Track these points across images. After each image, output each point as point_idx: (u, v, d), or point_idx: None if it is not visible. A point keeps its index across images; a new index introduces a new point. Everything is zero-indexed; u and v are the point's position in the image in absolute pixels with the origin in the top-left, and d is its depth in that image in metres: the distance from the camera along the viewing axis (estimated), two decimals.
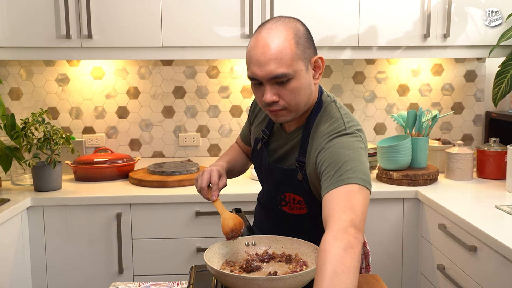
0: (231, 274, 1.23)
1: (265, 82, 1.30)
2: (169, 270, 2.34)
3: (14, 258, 2.16)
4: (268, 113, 1.37)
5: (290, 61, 1.28)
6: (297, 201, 1.45)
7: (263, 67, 1.28)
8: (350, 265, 1.01)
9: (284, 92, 1.31)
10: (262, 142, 1.54)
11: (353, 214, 1.12)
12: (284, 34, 1.29)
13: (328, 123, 1.37)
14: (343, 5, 2.46)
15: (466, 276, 1.90)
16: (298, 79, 1.31)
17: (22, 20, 2.39)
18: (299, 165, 1.41)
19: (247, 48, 1.34)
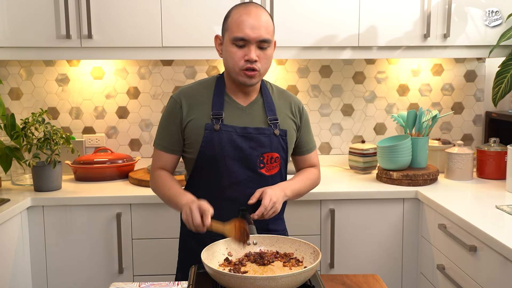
0: (226, 272, 1.24)
1: (253, 43, 1.58)
2: (169, 270, 2.34)
3: (14, 258, 2.16)
4: (242, 74, 1.61)
5: (272, 32, 1.63)
6: (274, 158, 1.70)
7: (256, 30, 1.58)
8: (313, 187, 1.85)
9: (262, 56, 1.61)
10: (219, 122, 1.65)
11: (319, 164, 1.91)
12: (268, 14, 1.64)
13: (282, 90, 1.80)
14: (343, 5, 2.46)
15: (466, 276, 1.90)
16: (271, 49, 1.65)
17: (22, 20, 2.39)
18: (272, 123, 1.69)
19: (233, 16, 1.61)
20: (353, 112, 2.89)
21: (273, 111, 1.70)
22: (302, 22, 2.46)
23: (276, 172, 1.71)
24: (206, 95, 1.69)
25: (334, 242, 2.35)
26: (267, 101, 1.71)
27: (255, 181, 1.67)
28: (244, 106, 1.70)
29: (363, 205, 2.34)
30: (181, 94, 1.70)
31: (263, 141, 1.66)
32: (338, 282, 1.50)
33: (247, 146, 1.65)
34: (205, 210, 1.48)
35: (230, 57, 1.61)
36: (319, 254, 1.35)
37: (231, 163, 1.65)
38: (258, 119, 1.69)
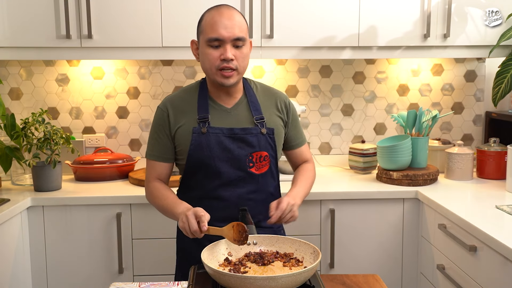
0: (226, 272, 1.24)
1: (227, 42, 1.60)
2: (169, 270, 2.34)
3: (14, 258, 2.16)
4: (219, 75, 1.63)
5: (246, 31, 1.65)
6: (263, 157, 1.71)
7: (230, 29, 1.60)
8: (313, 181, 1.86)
9: (238, 54, 1.63)
10: (206, 125, 1.67)
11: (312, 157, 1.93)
12: (240, 14, 1.66)
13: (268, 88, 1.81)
14: (343, 5, 2.46)
15: (466, 276, 1.90)
16: (247, 47, 1.66)
17: (22, 20, 2.39)
18: (258, 123, 1.70)
19: (206, 18, 1.64)
20: (353, 112, 2.90)
21: (258, 110, 1.72)
22: (302, 22, 2.46)
23: (267, 170, 1.73)
24: (191, 101, 1.71)
25: (334, 242, 2.35)
26: (252, 101, 1.73)
27: (245, 180, 1.70)
28: (228, 108, 1.71)
29: (363, 205, 2.34)
30: (167, 103, 1.73)
31: (251, 140, 1.68)
32: (338, 282, 1.50)
33: (235, 146, 1.67)
34: (201, 216, 1.47)
35: (206, 59, 1.63)
36: (319, 254, 1.35)
37: (220, 164, 1.67)
38: (244, 119, 1.70)
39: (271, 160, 1.73)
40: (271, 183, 1.76)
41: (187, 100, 1.72)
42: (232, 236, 1.45)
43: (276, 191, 1.80)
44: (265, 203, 1.68)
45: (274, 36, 2.45)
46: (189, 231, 1.48)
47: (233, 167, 1.68)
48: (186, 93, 1.74)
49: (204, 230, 1.46)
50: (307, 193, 1.76)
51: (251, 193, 1.70)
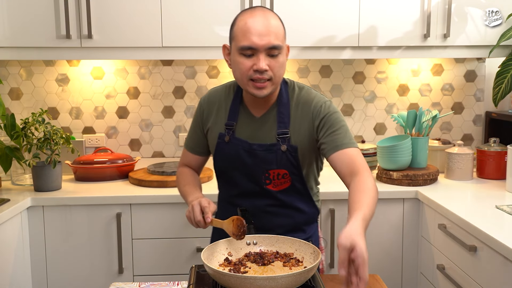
0: (226, 272, 1.24)
1: (261, 51, 1.47)
2: (169, 270, 2.34)
3: (14, 258, 2.16)
4: (251, 85, 1.51)
5: (282, 38, 1.52)
6: (282, 175, 1.59)
7: (264, 37, 1.46)
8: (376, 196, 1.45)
9: (273, 64, 1.49)
10: (230, 133, 1.61)
11: (367, 167, 1.51)
12: (277, 17, 1.53)
13: (312, 98, 1.60)
14: (343, 5, 2.46)
15: (466, 276, 1.90)
16: (284, 55, 1.53)
17: (22, 20, 2.39)
18: (281, 138, 1.57)
19: (239, 23, 1.51)
20: (353, 112, 2.89)
21: (284, 123, 1.58)
22: (302, 22, 2.46)
23: (287, 187, 1.62)
24: (226, 101, 1.66)
25: (334, 242, 2.35)
26: (281, 111, 1.58)
27: (263, 195, 1.63)
28: (257, 117, 1.61)
29: None
30: (206, 99, 1.71)
31: (269, 158, 1.58)
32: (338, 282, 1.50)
33: (252, 162, 1.60)
34: (205, 207, 1.50)
35: (238, 68, 1.51)
36: (319, 254, 1.34)
37: (238, 176, 1.64)
38: (268, 131, 1.59)
39: (293, 177, 1.61)
40: (296, 199, 1.65)
41: (223, 99, 1.67)
42: (231, 230, 1.48)
43: (307, 206, 1.67)
44: (288, 217, 1.64)
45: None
46: (193, 221, 1.51)
47: (250, 181, 1.63)
48: (225, 91, 1.68)
49: (208, 221, 1.48)
50: (373, 210, 1.38)
51: (270, 207, 1.64)
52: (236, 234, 1.47)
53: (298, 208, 1.65)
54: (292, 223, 1.65)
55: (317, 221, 1.76)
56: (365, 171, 1.47)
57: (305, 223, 1.70)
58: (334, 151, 1.53)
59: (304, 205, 1.66)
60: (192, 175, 1.77)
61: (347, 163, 1.50)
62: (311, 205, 1.68)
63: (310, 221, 1.71)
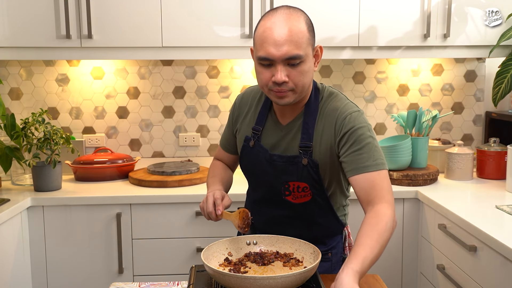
0: (226, 272, 1.24)
1: (278, 62, 1.36)
2: (169, 270, 2.34)
3: (14, 258, 2.16)
4: (272, 94, 1.42)
5: (305, 45, 1.37)
6: (302, 188, 1.50)
7: (280, 47, 1.35)
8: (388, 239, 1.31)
9: (293, 74, 1.38)
10: (255, 138, 1.56)
11: (391, 196, 1.39)
12: (301, 19, 1.39)
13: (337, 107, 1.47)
14: (343, 5, 2.46)
15: (466, 276, 1.90)
16: (307, 62, 1.39)
17: (22, 20, 2.39)
18: (303, 150, 1.47)
19: (258, 30, 1.40)
20: None
21: (308, 136, 1.47)
22: None
23: (308, 200, 1.52)
24: (257, 104, 1.60)
25: None
26: (306, 122, 1.48)
27: (283, 205, 1.56)
28: (283, 125, 1.53)
29: None
30: (240, 97, 1.67)
31: (289, 170, 1.49)
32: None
33: (272, 172, 1.53)
34: (217, 199, 1.51)
35: (258, 78, 1.44)
36: (319, 254, 1.34)
37: (258, 183, 1.62)
38: (291, 142, 1.51)
39: (314, 191, 1.51)
40: (317, 213, 1.55)
41: (254, 103, 1.61)
42: (237, 222, 1.52)
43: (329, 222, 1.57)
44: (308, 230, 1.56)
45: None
46: (205, 212, 1.52)
47: (269, 191, 1.57)
48: (258, 93, 1.62)
49: (218, 214, 1.49)
50: (377, 257, 1.25)
51: (288, 218, 1.58)
52: (241, 227, 1.51)
53: (318, 223, 1.57)
54: (310, 236, 1.54)
55: (342, 232, 1.65)
56: (384, 202, 1.34)
57: (325, 236, 1.61)
58: (354, 173, 1.40)
59: (325, 220, 1.57)
60: (223, 168, 1.76)
61: (365, 190, 1.38)
62: (334, 220, 1.59)
63: (331, 235, 1.62)
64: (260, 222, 1.62)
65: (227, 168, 1.78)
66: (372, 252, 1.22)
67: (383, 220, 1.30)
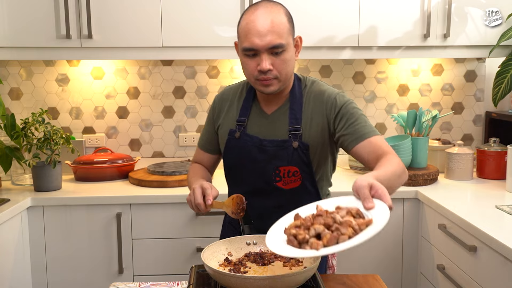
0: (226, 272, 1.24)
1: (263, 52, 1.46)
2: (169, 270, 2.34)
3: (14, 258, 2.16)
4: (259, 84, 1.51)
5: (286, 34, 1.48)
6: (292, 172, 1.56)
7: (264, 37, 1.45)
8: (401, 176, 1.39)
9: (277, 62, 1.48)
10: (241, 129, 1.61)
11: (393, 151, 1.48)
12: (281, 12, 1.50)
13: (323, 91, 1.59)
14: (343, 5, 2.46)
15: (466, 276, 1.90)
16: (289, 51, 1.50)
17: (22, 20, 2.39)
18: (292, 134, 1.55)
19: (242, 23, 1.51)
20: None
21: (297, 120, 1.56)
22: (302, 22, 2.46)
23: (298, 186, 1.58)
24: (239, 99, 1.67)
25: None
26: (292, 108, 1.57)
27: (273, 193, 1.60)
28: (268, 114, 1.60)
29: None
30: (219, 96, 1.73)
31: (280, 154, 1.56)
32: (338, 282, 1.50)
33: (261, 158, 1.58)
34: (206, 189, 1.50)
35: (244, 68, 1.54)
36: None
37: (247, 173, 1.63)
38: (280, 128, 1.58)
39: (304, 176, 1.58)
40: (306, 199, 1.54)
41: (235, 98, 1.68)
42: (231, 209, 1.51)
43: None
44: None
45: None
46: (193, 204, 1.51)
47: (259, 178, 1.60)
48: (238, 88, 1.69)
49: (208, 204, 1.48)
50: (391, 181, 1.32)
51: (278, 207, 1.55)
52: (235, 212, 1.50)
53: None
54: None
55: None
56: (393, 153, 1.45)
57: None
58: (358, 142, 1.50)
59: None
60: (202, 169, 1.76)
61: (373, 151, 1.48)
62: None
63: None
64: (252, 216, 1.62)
65: (206, 170, 1.78)
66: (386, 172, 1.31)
67: (396, 159, 1.41)
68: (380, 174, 1.28)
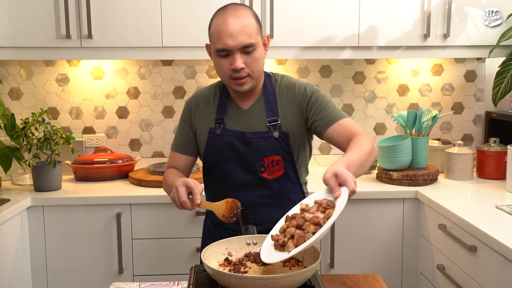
0: (226, 272, 1.24)
1: (235, 51, 1.54)
2: (169, 270, 2.34)
3: (14, 258, 2.16)
4: (233, 83, 1.59)
5: (255, 34, 1.56)
6: (276, 161, 1.65)
7: (236, 38, 1.53)
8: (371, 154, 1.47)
9: (249, 60, 1.56)
10: (221, 126, 1.66)
11: (364, 132, 1.56)
12: (248, 13, 1.58)
13: (294, 82, 1.68)
14: (343, 5, 2.46)
15: (466, 276, 1.90)
16: (259, 50, 1.58)
17: (22, 20, 2.39)
18: (271, 126, 1.63)
19: (213, 26, 1.59)
20: (353, 112, 2.89)
21: (273, 111, 1.65)
22: (302, 22, 2.46)
23: (281, 175, 1.66)
24: (214, 99, 1.72)
25: (334, 242, 2.35)
26: (268, 101, 1.66)
27: (258, 185, 1.66)
28: (245, 109, 1.68)
29: (363, 205, 2.34)
30: (192, 99, 1.77)
31: (262, 145, 1.63)
32: (338, 282, 1.50)
33: (246, 150, 1.64)
34: (192, 187, 1.47)
35: (218, 68, 1.61)
36: (319, 254, 1.34)
37: (232, 167, 1.66)
38: (259, 121, 1.65)
39: (286, 164, 1.66)
40: (289, 188, 1.69)
41: (209, 98, 1.73)
42: (222, 212, 1.47)
43: (299, 196, 1.69)
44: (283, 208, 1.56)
45: (274, 36, 2.45)
46: (178, 202, 1.48)
47: (245, 171, 1.66)
48: (211, 90, 1.75)
49: (197, 203, 1.46)
50: (361, 161, 1.40)
51: (265, 198, 1.67)
52: (227, 217, 1.46)
53: (291, 199, 1.65)
54: None
55: None
56: (362, 133, 1.53)
57: None
58: (329, 125, 1.60)
59: (296, 196, 1.69)
60: (178, 173, 1.74)
61: (343, 133, 1.57)
62: (301, 195, 1.71)
63: None
64: None
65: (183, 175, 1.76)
66: (356, 155, 1.39)
67: (366, 139, 1.49)
68: (349, 158, 1.36)
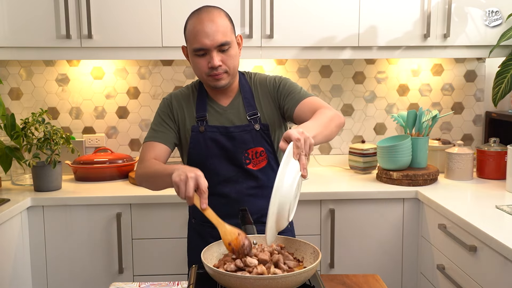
0: (226, 272, 1.24)
1: (212, 50, 1.61)
2: (169, 270, 2.34)
3: (14, 258, 2.16)
4: (210, 79, 1.65)
5: (229, 33, 1.64)
6: (259, 153, 1.72)
7: (212, 37, 1.60)
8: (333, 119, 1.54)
9: (225, 58, 1.63)
10: (204, 123, 1.71)
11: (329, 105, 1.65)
12: (222, 14, 1.66)
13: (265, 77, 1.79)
14: (343, 5, 2.46)
15: (466, 276, 1.90)
16: (234, 48, 1.66)
17: (22, 20, 2.39)
18: (252, 119, 1.71)
19: (189, 27, 1.65)
20: (353, 112, 2.89)
21: (252, 106, 1.73)
22: (302, 22, 2.46)
23: (265, 165, 1.73)
24: (192, 99, 1.76)
25: (334, 242, 2.35)
26: (245, 96, 1.74)
27: (244, 177, 1.72)
28: (224, 106, 1.74)
29: (363, 205, 2.34)
30: (172, 97, 1.79)
31: (245, 138, 1.70)
32: (338, 282, 1.50)
33: (230, 145, 1.70)
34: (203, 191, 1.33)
35: (196, 67, 1.67)
36: (319, 254, 1.34)
37: (218, 162, 1.71)
38: (239, 116, 1.72)
39: (269, 154, 1.73)
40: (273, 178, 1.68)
41: (188, 98, 1.77)
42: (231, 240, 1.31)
43: None
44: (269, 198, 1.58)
45: (274, 36, 2.45)
46: (183, 192, 1.33)
47: (231, 164, 1.71)
48: (188, 90, 1.79)
49: (203, 207, 1.33)
50: (322, 126, 1.45)
51: (251, 189, 1.72)
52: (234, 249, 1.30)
53: None
54: None
55: None
56: (327, 107, 1.61)
57: None
58: (296, 104, 1.68)
59: None
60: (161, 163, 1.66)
61: (308, 108, 1.64)
62: None
63: None
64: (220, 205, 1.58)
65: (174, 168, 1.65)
66: (315, 122, 1.46)
67: (328, 109, 1.56)
68: (306, 124, 1.43)
